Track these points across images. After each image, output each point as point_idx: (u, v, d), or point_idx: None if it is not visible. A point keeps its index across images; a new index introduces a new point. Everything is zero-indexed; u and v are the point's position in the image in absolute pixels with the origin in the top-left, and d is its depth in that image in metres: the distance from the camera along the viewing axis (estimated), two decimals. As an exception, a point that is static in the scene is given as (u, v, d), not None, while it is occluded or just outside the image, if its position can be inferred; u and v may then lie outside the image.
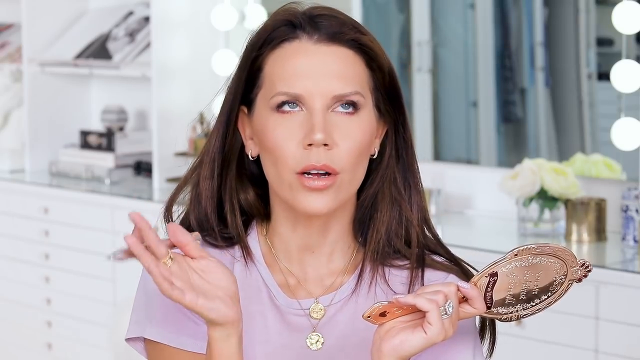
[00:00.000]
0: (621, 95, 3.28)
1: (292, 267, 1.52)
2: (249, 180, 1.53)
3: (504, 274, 1.36)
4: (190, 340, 1.46)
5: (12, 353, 4.59)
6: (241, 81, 1.48)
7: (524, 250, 1.35)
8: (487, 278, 1.36)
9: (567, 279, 1.38)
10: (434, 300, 1.34)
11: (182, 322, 1.47)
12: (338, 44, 1.44)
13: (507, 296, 1.37)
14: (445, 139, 4.09)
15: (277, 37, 1.46)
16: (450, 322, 1.35)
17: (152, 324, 1.47)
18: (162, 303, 1.47)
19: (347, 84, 1.43)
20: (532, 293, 1.38)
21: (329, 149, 1.42)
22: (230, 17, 4.20)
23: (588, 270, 1.39)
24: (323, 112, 1.42)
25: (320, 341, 1.49)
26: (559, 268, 1.37)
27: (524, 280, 1.36)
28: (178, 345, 1.46)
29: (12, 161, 4.78)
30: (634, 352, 2.85)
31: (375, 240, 1.50)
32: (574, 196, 3.27)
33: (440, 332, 1.34)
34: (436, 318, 1.33)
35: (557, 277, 1.37)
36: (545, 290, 1.38)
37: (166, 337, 1.47)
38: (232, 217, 1.50)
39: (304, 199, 1.42)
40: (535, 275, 1.37)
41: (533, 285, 1.37)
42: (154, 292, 1.47)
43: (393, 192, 1.50)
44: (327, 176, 1.42)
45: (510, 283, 1.36)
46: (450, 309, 1.34)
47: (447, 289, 1.35)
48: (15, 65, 4.80)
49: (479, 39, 3.98)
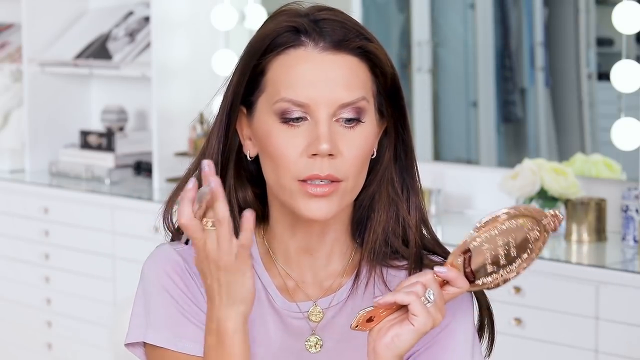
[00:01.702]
0: (621, 95, 3.28)
1: (290, 270, 1.51)
2: (247, 180, 1.52)
3: (477, 247, 1.38)
4: (191, 344, 1.45)
5: (12, 353, 4.59)
6: (242, 84, 1.47)
7: (491, 220, 1.38)
8: (461, 256, 1.38)
9: (541, 232, 1.40)
10: (412, 292, 1.35)
11: (183, 326, 1.46)
12: (343, 52, 1.44)
13: (487, 266, 1.39)
14: (445, 139, 4.09)
15: (281, 43, 1.44)
16: (435, 308, 1.36)
17: (153, 329, 1.47)
18: (162, 307, 1.47)
19: (352, 91, 1.43)
20: (512, 255, 1.39)
21: (333, 159, 1.41)
22: (230, 17, 4.20)
23: (557, 218, 1.40)
24: (328, 121, 1.41)
25: (319, 344, 1.49)
26: (530, 225, 1.39)
27: (499, 246, 1.38)
28: (179, 349, 1.46)
29: (12, 161, 4.78)
30: (634, 352, 2.85)
31: (372, 241, 1.50)
32: (574, 196, 3.27)
33: (427, 320, 1.35)
34: (419, 308, 1.35)
35: (531, 234, 1.39)
36: (523, 248, 1.40)
37: (167, 341, 1.46)
38: (231, 217, 1.50)
39: (305, 205, 1.42)
40: (509, 239, 1.39)
41: (510, 248, 1.39)
42: (153, 296, 1.47)
43: (390, 192, 1.50)
44: (331, 183, 1.42)
45: (486, 253, 1.38)
46: (431, 296, 1.36)
47: (424, 277, 1.37)
48: (15, 65, 4.80)
49: (479, 39, 3.98)
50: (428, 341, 1.47)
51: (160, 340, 1.46)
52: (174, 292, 1.47)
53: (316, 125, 1.41)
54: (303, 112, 1.42)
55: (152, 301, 1.48)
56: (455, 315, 1.48)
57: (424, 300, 1.35)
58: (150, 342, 1.47)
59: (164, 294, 1.47)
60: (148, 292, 1.48)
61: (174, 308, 1.46)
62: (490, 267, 1.39)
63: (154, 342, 1.47)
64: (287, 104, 1.42)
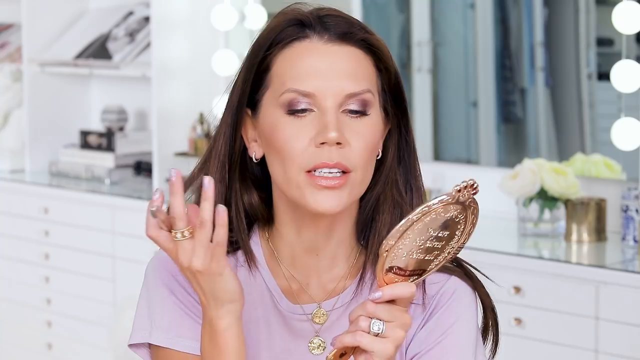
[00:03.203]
0: (621, 95, 3.27)
1: (295, 272, 1.51)
2: (253, 183, 1.52)
3: (400, 256, 1.31)
4: (196, 343, 1.45)
5: (12, 353, 4.59)
6: (248, 82, 1.47)
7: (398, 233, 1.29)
8: (388, 273, 1.32)
9: (462, 208, 1.30)
10: (357, 332, 1.32)
11: (188, 326, 1.47)
12: (348, 43, 1.44)
13: (425, 257, 1.33)
14: (445, 139, 4.09)
15: (286, 36, 1.45)
16: (392, 329, 1.32)
17: (158, 329, 1.47)
18: (167, 308, 1.47)
19: (358, 82, 1.43)
20: (444, 237, 1.31)
21: (342, 148, 1.41)
22: (230, 17, 4.20)
23: (472, 187, 1.29)
24: (335, 110, 1.41)
25: (322, 346, 1.49)
26: (442, 210, 1.30)
27: (424, 240, 1.31)
28: (184, 349, 1.46)
29: (12, 161, 4.78)
30: (634, 352, 2.85)
31: (377, 243, 1.49)
32: (574, 196, 3.27)
33: (385, 348, 1.32)
34: (369, 344, 1.31)
35: (451, 215, 1.31)
36: (454, 224, 1.31)
37: (172, 341, 1.46)
38: (237, 221, 1.49)
39: (314, 197, 1.41)
40: (429, 232, 1.31)
41: (437, 234, 1.31)
42: (158, 297, 1.47)
43: (395, 194, 1.50)
44: (340, 175, 1.41)
45: (413, 254, 1.31)
46: (376, 327, 1.32)
47: (364, 310, 1.32)
48: (15, 65, 4.80)
49: (479, 39, 3.98)
50: (430, 342, 1.47)
51: (165, 340, 1.46)
52: (178, 293, 1.48)
53: (323, 114, 1.41)
54: (309, 103, 1.42)
55: (157, 302, 1.48)
56: (459, 316, 1.48)
57: (373, 333, 1.31)
58: (155, 343, 1.47)
59: (169, 295, 1.48)
60: (152, 293, 1.49)
61: (179, 308, 1.46)
62: (429, 256, 1.33)
63: (159, 343, 1.47)
64: (293, 94, 1.42)
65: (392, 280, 1.33)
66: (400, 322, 1.33)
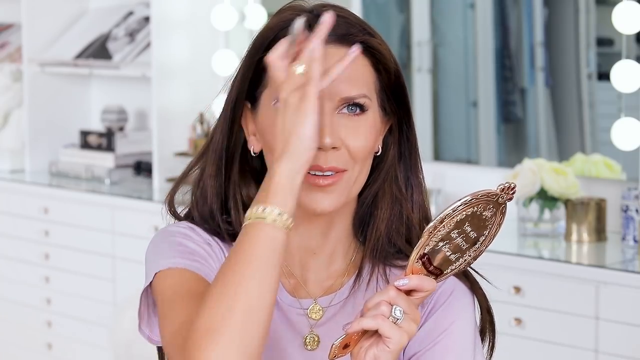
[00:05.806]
0: (621, 95, 3.28)
1: (292, 268, 1.51)
2: (252, 176, 1.52)
3: (434, 245, 1.33)
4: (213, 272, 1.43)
5: (12, 353, 4.59)
6: (246, 79, 1.47)
7: (440, 221, 1.32)
8: (419, 261, 1.34)
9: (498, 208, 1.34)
10: (378, 315, 1.32)
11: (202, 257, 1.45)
12: (346, 46, 1.43)
13: (450, 256, 1.35)
14: (445, 139, 4.09)
15: (284, 36, 1.45)
16: (408, 321, 1.33)
17: (169, 258, 1.44)
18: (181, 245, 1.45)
19: (354, 86, 1.43)
20: (472, 238, 1.35)
21: (337, 151, 1.41)
22: (230, 17, 4.20)
23: (511, 189, 1.34)
24: (330, 114, 1.41)
25: (316, 341, 1.49)
26: (482, 208, 1.33)
27: (456, 237, 1.34)
28: (198, 271, 1.43)
29: (12, 161, 4.78)
30: (634, 352, 2.85)
31: (375, 238, 1.49)
32: (574, 196, 3.27)
33: (401, 337, 1.32)
34: (389, 330, 1.31)
35: (487, 213, 1.34)
36: (483, 228, 1.35)
37: (192, 266, 1.43)
38: (236, 214, 1.49)
39: (309, 197, 1.42)
40: (465, 227, 1.33)
41: (468, 233, 1.34)
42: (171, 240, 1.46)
43: (394, 190, 1.50)
44: (334, 174, 1.42)
45: (444, 248, 1.34)
46: (398, 313, 1.32)
47: (387, 295, 1.33)
48: (15, 65, 4.80)
49: (479, 39, 3.97)
50: (429, 342, 1.47)
51: (178, 263, 1.43)
52: (196, 238, 1.47)
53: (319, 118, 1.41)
54: None
55: (169, 243, 1.46)
56: (457, 316, 1.48)
57: (392, 319, 1.32)
58: (178, 266, 1.42)
59: (184, 239, 1.46)
60: (164, 240, 1.47)
61: (194, 248, 1.45)
62: (453, 256, 1.35)
63: (182, 266, 1.42)
64: None
65: (417, 271, 1.34)
66: (413, 316, 1.33)
